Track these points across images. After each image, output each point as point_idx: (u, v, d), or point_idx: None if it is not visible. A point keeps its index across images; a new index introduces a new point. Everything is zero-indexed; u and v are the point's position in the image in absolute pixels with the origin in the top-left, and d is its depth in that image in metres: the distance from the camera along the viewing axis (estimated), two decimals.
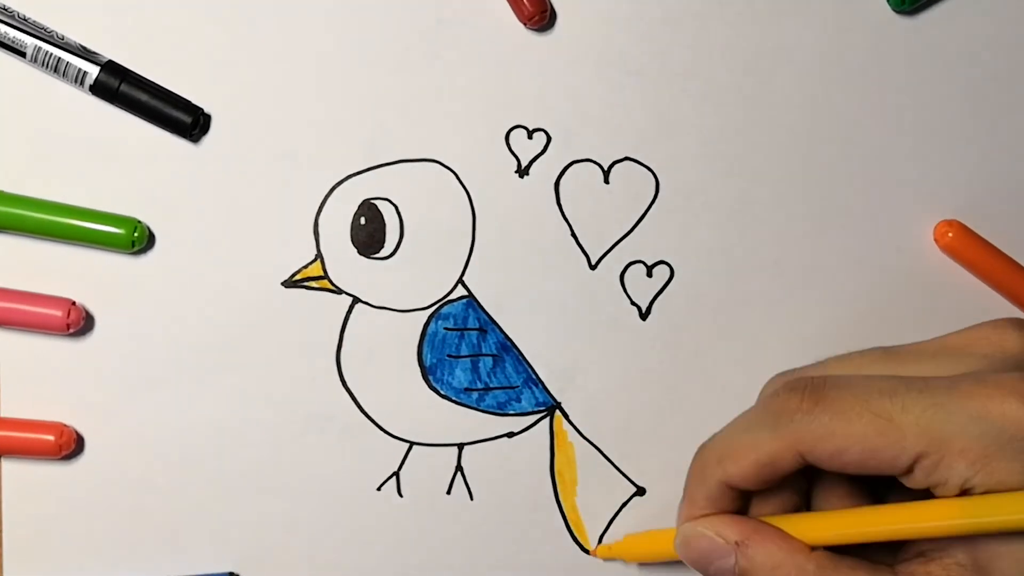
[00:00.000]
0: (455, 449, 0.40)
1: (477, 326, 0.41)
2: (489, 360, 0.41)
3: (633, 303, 0.41)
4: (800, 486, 0.35)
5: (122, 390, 0.39)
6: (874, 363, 0.33)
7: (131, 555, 0.39)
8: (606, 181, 0.41)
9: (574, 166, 0.41)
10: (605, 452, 0.41)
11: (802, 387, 0.31)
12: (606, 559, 0.40)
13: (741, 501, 0.34)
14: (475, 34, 0.41)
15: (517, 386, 0.41)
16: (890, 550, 0.33)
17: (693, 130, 0.42)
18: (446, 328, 0.40)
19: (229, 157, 0.40)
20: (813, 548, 0.32)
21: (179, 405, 0.39)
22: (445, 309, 0.40)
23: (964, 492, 0.29)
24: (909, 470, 0.30)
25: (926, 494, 0.30)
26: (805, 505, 0.35)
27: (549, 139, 0.41)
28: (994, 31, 0.43)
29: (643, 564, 0.40)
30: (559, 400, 0.41)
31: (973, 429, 0.29)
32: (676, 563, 0.38)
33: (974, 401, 0.29)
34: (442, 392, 0.40)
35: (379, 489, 0.40)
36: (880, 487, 0.34)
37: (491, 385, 0.40)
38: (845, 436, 0.30)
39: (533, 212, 0.41)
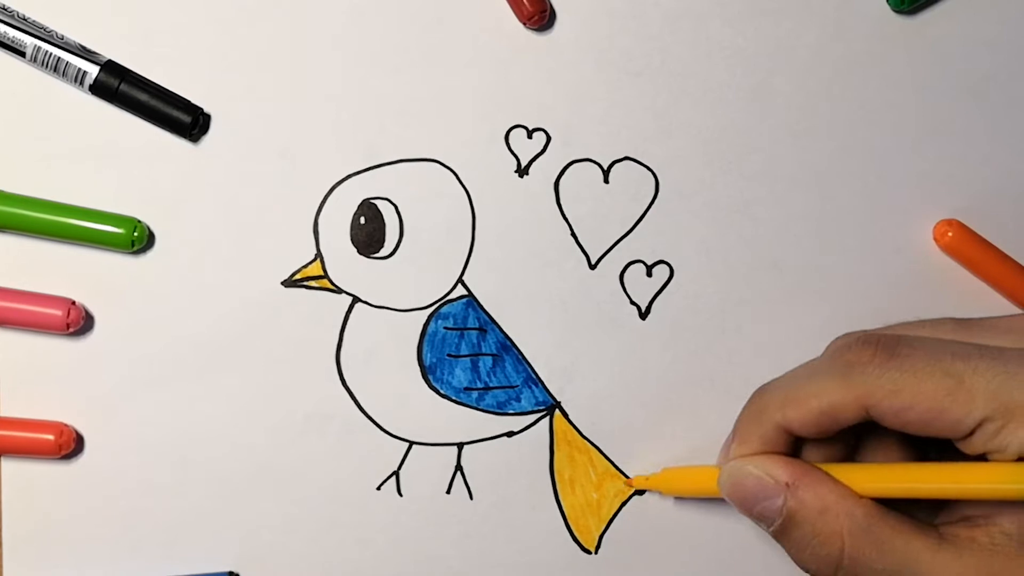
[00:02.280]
0: (455, 448, 0.40)
1: (477, 325, 0.41)
2: (489, 360, 0.41)
3: (633, 303, 0.41)
4: (850, 440, 0.35)
5: (122, 390, 0.39)
6: (945, 330, 0.33)
7: (131, 555, 0.39)
8: (606, 181, 0.41)
9: (574, 166, 0.41)
10: (605, 451, 0.41)
11: (875, 341, 0.31)
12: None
13: (792, 448, 0.34)
14: (475, 34, 0.41)
15: (517, 385, 0.41)
16: (933, 511, 0.33)
17: (693, 130, 0.42)
18: (446, 328, 0.40)
19: (229, 157, 0.40)
20: (861, 497, 0.32)
21: (179, 404, 0.39)
22: (445, 309, 0.40)
23: (1021, 457, 0.29)
24: (970, 434, 0.30)
25: (971, 453, 0.31)
26: (852, 459, 0.35)
27: (549, 139, 0.41)
28: (994, 31, 0.43)
29: (655, 559, 0.41)
30: (559, 399, 0.41)
31: None
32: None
33: None
34: (442, 391, 0.40)
35: (379, 488, 0.40)
36: (931, 451, 0.34)
37: (491, 385, 0.40)
38: (914, 393, 0.30)
39: (533, 212, 0.41)
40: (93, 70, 0.38)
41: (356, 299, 0.40)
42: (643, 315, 0.41)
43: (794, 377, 0.34)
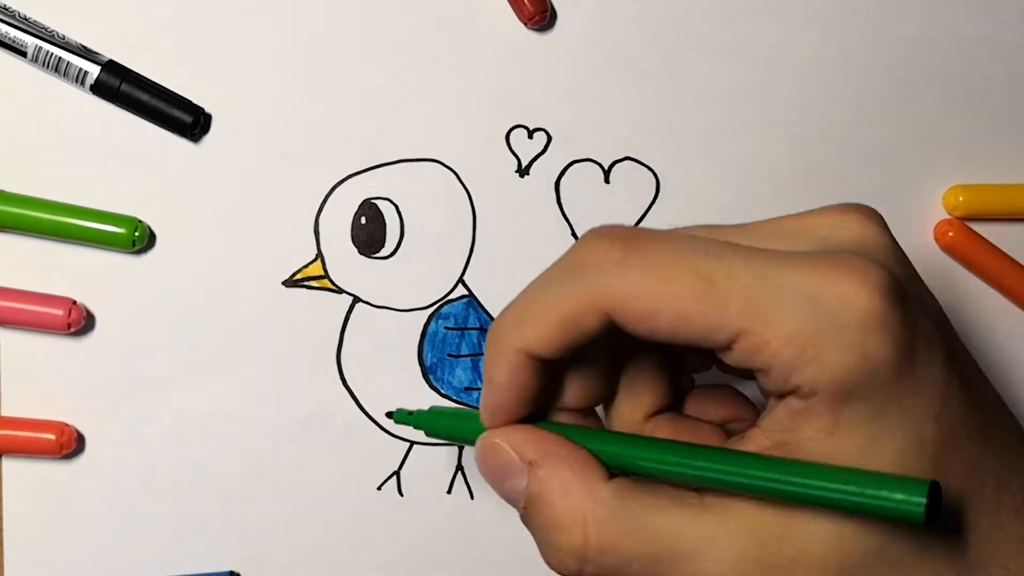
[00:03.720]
0: (456, 448, 0.40)
1: (478, 325, 0.41)
2: None
3: None
4: (616, 361, 0.30)
5: (123, 389, 0.39)
6: (701, 230, 0.28)
7: (131, 555, 0.39)
8: (607, 181, 0.41)
9: (575, 166, 0.41)
10: None
11: (612, 234, 0.26)
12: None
13: (546, 378, 0.28)
14: (476, 34, 0.41)
15: None
16: None
17: (693, 129, 0.42)
18: (447, 327, 0.40)
19: (230, 157, 0.40)
20: (613, 475, 0.28)
21: (180, 404, 0.39)
22: (445, 308, 0.40)
23: (791, 391, 0.25)
24: (728, 347, 0.25)
25: (747, 375, 0.26)
26: (615, 386, 0.30)
27: (550, 139, 0.41)
28: (994, 31, 0.43)
29: None
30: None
31: (803, 309, 0.24)
32: None
33: (806, 277, 0.25)
34: (443, 391, 0.40)
35: (380, 488, 0.40)
36: (695, 358, 0.31)
37: None
38: (658, 296, 0.25)
39: (534, 212, 0.41)
40: (94, 70, 0.38)
41: (357, 299, 0.40)
42: None
43: (529, 290, 0.28)
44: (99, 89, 0.38)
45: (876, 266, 0.25)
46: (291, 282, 0.40)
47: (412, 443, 0.40)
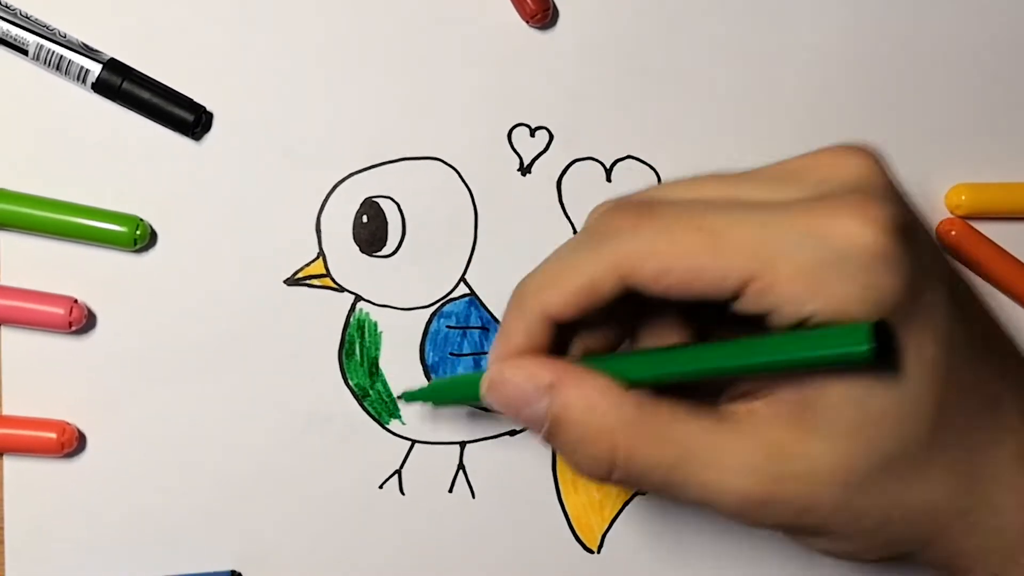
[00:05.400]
0: (457, 447, 0.40)
1: (479, 324, 0.41)
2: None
3: None
4: (625, 330, 0.32)
5: (124, 388, 0.39)
6: (708, 186, 0.30)
7: (131, 554, 0.39)
8: (608, 179, 0.41)
9: (576, 164, 0.41)
10: None
11: (627, 205, 0.29)
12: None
13: (560, 339, 0.31)
14: (477, 32, 0.41)
15: None
16: (716, 392, 0.30)
17: (695, 128, 0.42)
18: (448, 326, 0.40)
19: (231, 155, 0.40)
20: (632, 388, 0.29)
21: (181, 403, 0.39)
22: (447, 307, 0.40)
23: (802, 323, 0.27)
24: (738, 295, 0.27)
25: (762, 328, 0.28)
26: (632, 342, 0.33)
27: (551, 137, 0.41)
28: (995, 31, 0.43)
29: (657, 559, 0.40)
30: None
31: (805, 248, 0.26)
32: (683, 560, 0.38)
33: (808, 220, 0.26)
34: None
35: (381, 487, 0.40)
36: (712, 325, 0.32)
37: None
38: (669, 253, 0.27)
39: (535, 210, 0.41)
40: (96, 68, 0.38)
41: (358, 298, 0.40)
42: None
43: (552, 257, 0.30)
44: (100, 87, 0.38)
45: (876, 202, 0.27)
46: (293, 281, 0.40)
47: (413, 442, 0.40)
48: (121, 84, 0.38)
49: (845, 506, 0.28)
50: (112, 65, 0.38)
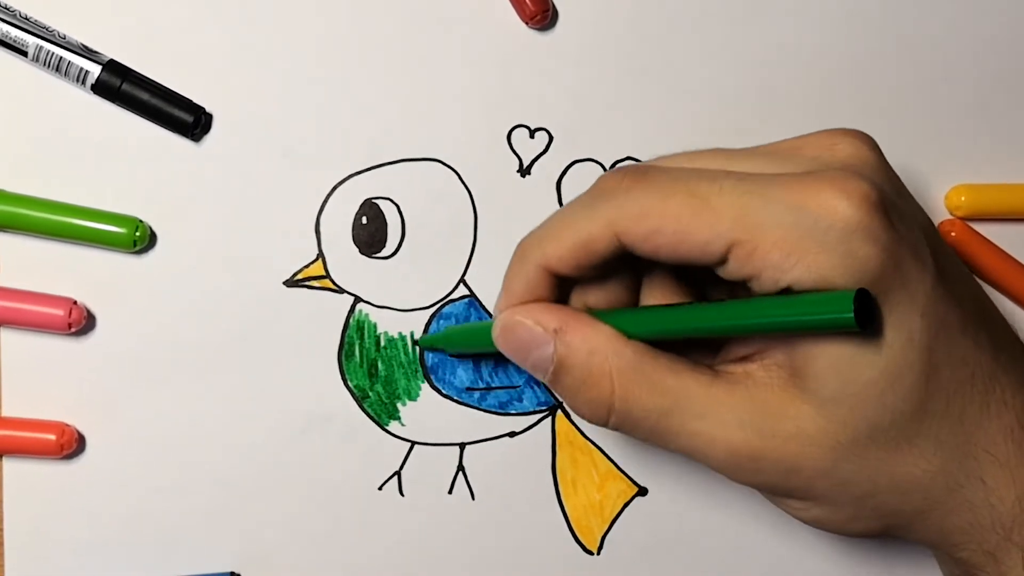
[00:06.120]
0: (457, 449, 0.40)
1: None
2: (491, 360, 0.40)
3: None
4: (626, 287, 0.34)
5: (123, 389, 0.39)
6: (704, 158, 0.32)
7: (131, 555, 0.39)
8: None
9: (576, 165, 0.41)
10: (607, 452, 0.41)
11: (626, 169, 0.31)
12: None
13: (560, 292, 0.33)
14: (477, 33, 0.41)
15: (519, 386, 0.41)
16: (711, 353, 0.32)
17: (695, 130, 0.41)
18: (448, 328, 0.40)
19: (230, 156, 0.40)
20: (631, 339, 0.31)
21: (180, 404, 0.39)
22: (447, 308, 0.40)
23: (785, 290, 0.28)
24: (723, 260, 0.29)
25: (745, 292, 0.30)
26: (631, 305, 0.34)
27: (551, 138, 0.41)
28: (995, 31, 0.43)
29: (657, 560, 0.40)
30: (561, 400, 0.41)
31: (788, 218, 0.27)
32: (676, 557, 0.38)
33: (793, 192, 0.28)
34: (444, 391, 0.40)
35: (380, 488, 0.40)
36: (708, 288, 0.34)
37: (493, 385, 0.40)
38: (659, 215, 0.29)
39: (535, 211, 0.41)
40: (95, 69, 0.38)
41: (358, 299, 0.40)
42: None
43: (554, 216, 0.32)
44: (100, 89, 0.38)
45: (859, 179, 0.28)
46: (292, 282, 0.40)
47: (413, 443, 0.40)
48: (121, 85, 0.38)
49: (832, 470, 0.29)
50: (112, 66, 0.38)
